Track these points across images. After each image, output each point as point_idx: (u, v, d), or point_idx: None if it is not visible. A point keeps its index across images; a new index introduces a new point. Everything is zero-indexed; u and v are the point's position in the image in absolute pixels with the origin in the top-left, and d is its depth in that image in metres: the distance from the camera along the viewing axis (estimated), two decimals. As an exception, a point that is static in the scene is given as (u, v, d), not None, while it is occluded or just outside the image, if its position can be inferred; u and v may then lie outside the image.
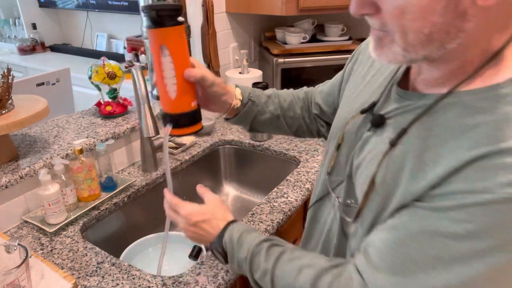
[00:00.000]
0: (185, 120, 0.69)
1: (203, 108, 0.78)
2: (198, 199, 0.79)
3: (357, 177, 0.61)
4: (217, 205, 0.74)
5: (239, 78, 1.66)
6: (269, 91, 0.90)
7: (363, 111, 0.63)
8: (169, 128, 0.70)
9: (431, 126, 0.50)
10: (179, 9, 0.64)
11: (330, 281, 0.54)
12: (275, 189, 1.22)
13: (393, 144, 0.53)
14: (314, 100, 0.92)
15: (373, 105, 0.62)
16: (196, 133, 0.72)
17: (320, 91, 0.92)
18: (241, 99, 0.82)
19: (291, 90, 0.96)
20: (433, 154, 0.48)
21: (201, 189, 0.80)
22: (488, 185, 0.42)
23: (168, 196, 0.76)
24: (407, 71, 0.60)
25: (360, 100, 0.66)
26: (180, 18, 0.64)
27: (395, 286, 0.48)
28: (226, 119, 0.85)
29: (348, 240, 0.64)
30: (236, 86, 0.84)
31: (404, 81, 0.59)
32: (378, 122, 0.58)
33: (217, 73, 1.75)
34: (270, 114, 0.87)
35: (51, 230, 1.03)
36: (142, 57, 2.60)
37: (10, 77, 1.08)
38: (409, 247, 0.47)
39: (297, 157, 1.41)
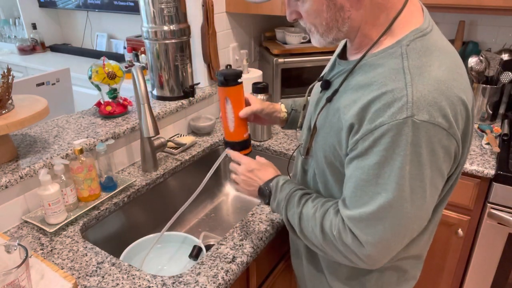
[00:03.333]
0: (238, 147, 0.97)
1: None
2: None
3: (305, 132, 0.86)
4: (270, 164, 0.94)
5: (239, 78, 1.66)
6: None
7: (319, 80, 0.85)
8: (229, 150, 0.97)
9: (350, 83, 0.71)
10: (239, 75, 0.93)
11: (331, 218, 0.73)
12: (275, 189, 1.22)
13: (329, 100, 0.75)
14: None
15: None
16: (247, 155, 0.99)
17: None
18: (286, 111, 1.06)
19: None
20: (350, 100, 0.68)
21: (259, 158, 0.97)
22: (383, 120, 0.61)
23: (233, 152, 0.96)
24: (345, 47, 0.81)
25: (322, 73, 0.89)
26: (240, 80, 0.92)
27: (359, 214, 0.67)
28: (282, 128, 1.10)
29: (306, 174, 0.88)
30: (281, 102, 1.08)
31: (343, 54, 0.81)
32: (325, 85, 0.79)
33: (217, 73, 1.75)
34: None
35: (51, 230, 1.03)
36: (142, 57, 2.61)
37: (10, 77, 1.08)
38: (360, 185, 0.66)
39: (297, 157, 1.41)
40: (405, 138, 0.60)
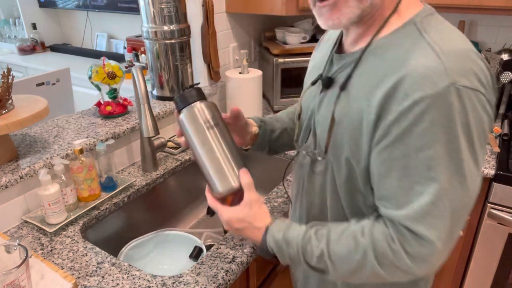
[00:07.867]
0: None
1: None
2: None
3: (319, 129, 0.75)
4: (253, 207, 0.74)
5: (239, 78, 1.66)
6: (272, 114, 1.15)
7: (313, 83, 0.78)
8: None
9: (363, 71, 0.65)
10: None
11: (382, 230, 0.62)
12: (275, 189, 1.22)
13: (342, 88, 0.67)
14: None
15: (320, 76, 0.76)
16: None
17: None
18: (256, 124, 0.92)
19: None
20: (370, 86, 0.62)
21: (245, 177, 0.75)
22: (422, 93, 0.55)
23: (208, 199, 0.77)
24: (340, 43, 0.76)
25: (310, 78, 0.80)
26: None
27: (419, 208, 0.57)
28: (252, 146, 0.94)
29: (315, 176, 0.78)
30: (248, 118, 0.92)
31: (339, 50, 0.76)
32: (328, 83, 0.72)
33: (217, 73, 1.75)
34: (279, 129, 0.97)
35: (51, 230, 1.03)
36: (142, 57, 2.61)
37: (10, 77, 1.08)
38: (407, 175, 0.58)
39: (297, 157, 1.41)
40: (451, 107, 0.54)
